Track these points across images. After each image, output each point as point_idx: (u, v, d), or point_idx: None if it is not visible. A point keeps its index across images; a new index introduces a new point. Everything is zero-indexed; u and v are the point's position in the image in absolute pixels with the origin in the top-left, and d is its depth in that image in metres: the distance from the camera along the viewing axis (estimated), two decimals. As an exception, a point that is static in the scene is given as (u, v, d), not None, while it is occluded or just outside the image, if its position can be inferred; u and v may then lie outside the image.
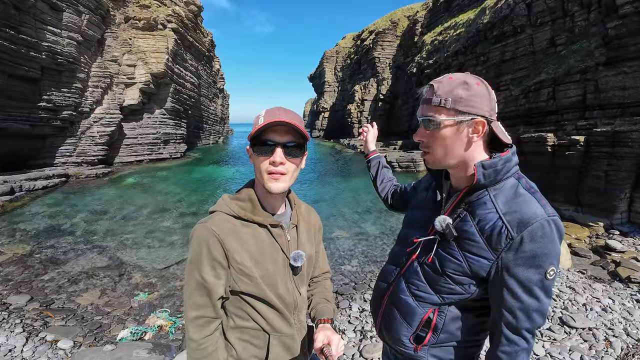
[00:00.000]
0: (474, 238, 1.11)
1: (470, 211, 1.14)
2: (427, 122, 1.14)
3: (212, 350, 1.25)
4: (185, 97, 30.36)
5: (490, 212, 1.09)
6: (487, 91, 1.11)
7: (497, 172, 1.10)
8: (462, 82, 1.09)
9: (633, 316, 4.51)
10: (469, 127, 1.10)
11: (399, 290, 1.34)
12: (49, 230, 10.19)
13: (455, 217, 1.17)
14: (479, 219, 1.11)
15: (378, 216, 12.23)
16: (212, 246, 1.20)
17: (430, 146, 1.17)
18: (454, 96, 1.08)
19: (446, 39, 26.64)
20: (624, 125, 9.91)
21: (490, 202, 1.10)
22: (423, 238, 1.26)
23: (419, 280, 1.27)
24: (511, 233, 1.04)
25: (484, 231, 1.09)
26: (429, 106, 1.14)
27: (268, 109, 1.23)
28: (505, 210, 1.07)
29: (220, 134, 53.96)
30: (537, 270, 1.04)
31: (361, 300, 5.75)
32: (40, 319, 5.30)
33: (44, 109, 18.08)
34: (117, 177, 20.05)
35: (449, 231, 1.15)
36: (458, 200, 1.19)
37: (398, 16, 45.38)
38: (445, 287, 1.20)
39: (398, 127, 36.94)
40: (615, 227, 9.27)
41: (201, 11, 33.32)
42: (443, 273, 1.18)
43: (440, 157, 1.17)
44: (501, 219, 1.06)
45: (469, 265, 1.13)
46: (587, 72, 12.36)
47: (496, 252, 1.07)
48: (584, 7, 13.81)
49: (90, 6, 19.94)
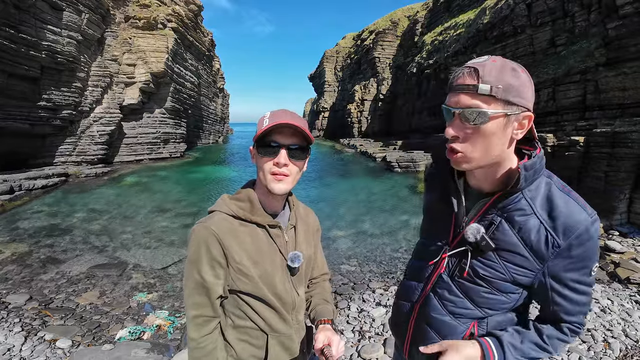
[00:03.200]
0: (517, 250, 1.01)
1: (507, 218, 1.02)
2: (470, 115, 0.94)
3: (212, 349, 1.26)
4: (185, 97, 30.37)
5: (530, 217, 1.00)
6: (530, 81, 0.97)
7: (535, 173, 1.00)
8: (511, 69, 0.93)
9: (632, 317, 4.50)
10: (516, 122, 0.96)
11: (429, 308, 1.20)
12: (48, 230, 10.19)
13: (487, 224, 1.04)
14: (520, 227, 1.00)
15: (377, 216, 12.24)
16: (211, 246, 1.21)
17: (468, 143, 0.98)
18: (505, 84, 0.91)
19: (446, 39, 26.64)
20: (624, 126, 9.91)
21: (529, 207, 1.00)
22: (450, 252, 1.13)
23: (455, 295, 1.14)
24: (557, 241, 0.97)
25: (527, 241, 1.00)
26: (472, 95, 0.93)
27: (273, 111, 1.24)
28: (546, 216, 0.99)
29: (220, 134, 53.99)
30: (584, 270, 1.00)
31: (360, 300, 5.75)
32: (39, 318, 5.30)
33: (44, 108, 18.10)
34: (116, 177, 20.05)
35: (486, 243, 1.03)
36: (489, 205, 1.05)
37: (398, 16, 45.39)
38: (489, 299, 1.09)
39: (398, 127, 36.95)
40: (614, 227, 9.26)
41: (201, 11, 33.32)
42: (483, 285, 1.08)
43: (478, 157, 0.99)
44: (544, 225, 0.98)
45: (512, 276, 1.04)
46: (587, 73, 12.36)
47: (542, 262, 1.00)
48: (584, 7, 13.82)
49: (90, 5, 19.95)
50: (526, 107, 0.94)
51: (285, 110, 1.25)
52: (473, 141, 0.97)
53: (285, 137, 1.20)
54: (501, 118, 0.93)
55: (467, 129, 0.96)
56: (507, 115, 0.93)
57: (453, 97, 0.98)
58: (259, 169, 1.24)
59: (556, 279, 1.01)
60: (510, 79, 0.91)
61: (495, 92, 0.91)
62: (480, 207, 1.07)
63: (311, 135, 1.23)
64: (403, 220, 11.70)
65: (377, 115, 42.42)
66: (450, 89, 0.99)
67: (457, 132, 0.98)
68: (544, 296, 1.06)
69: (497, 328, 1.14)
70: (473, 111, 0.93)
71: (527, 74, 0.96)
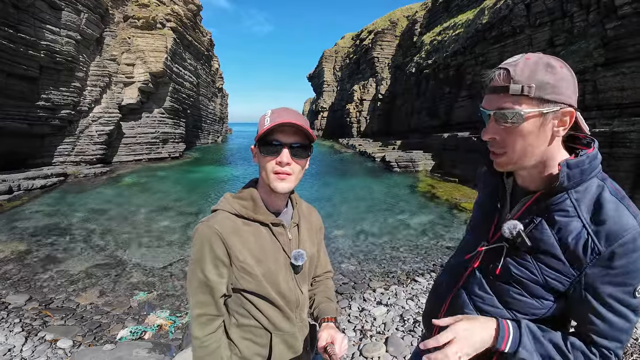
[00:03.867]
0: (552, 251, 0.96)
1: (547, 218, 0.98)
2: (504, 116, 0.93)
3: (215, 348, 1.26)
4: (184, 97, 30.36)
5: (572, 220, 0.94)
6: (571, 75, 0.94)
7: (582, 173, 0.95)
8: (545, 65, 0.91)
9: (631, 316, 4.53)
10: (555, 119, 0.93)
11: (459, 303, 1.17)
12: (48, 229, 10.18)
13: (527, 222, 1.01)
14: (559, 227, 0.95)
15: (376, 216, 12.25)
16: (214, 244, 1.21)
17: (507, 145, 0.97)
18: (538, 82, 0.90)
19: (445, 39, 26.68)
20: (622, 126, 9.95)
21: (573, 208, 0.95)
22: (486, 246, 1.10)
23: (484, 292, 1.10)
24: (598, 247, 0.90)
25: (565, 243, 0.94)
26: (504, 95, 0.93)
27: (274, 109, 1.24)
28: (590, 219, 0.93)
29: (219, 134, 53.95)
30: (626, 288, 0.90)
31: (360, 299, 5.76)
32: (39, 318, 5.30)
33: (43, 108, 18.08)
34: (115, 177, 20.03)
35: (521, 240, 0.99)
36: (531, 204, 1.03)
37: (397, 16, 45.46)
38: (519, 301, 1.04)
39: (397, 127, 36.99)
40: (613, 227, 9.32)
41: (200, 10, 33.32)
42: (514, 285, 1.03)
43: (518, 158, 0.97)
44: (586, 229, 0.92)
45: (545, 279, 0.98)
46: (586, 73, 12.40)
47: (579, 269, 0.93)
48: (583, 7, 13.85)
49: (89, 5, 19.93)
50: (566, 102, 0.92)
51: (286, 108, 1.25)
52: (511, 142, 0.96)
53: (287, 136, 1.20)
54: (537, 117, 0.92)
55: (503, 131, 0.96)
56: (543, 114, 0.91)
57: (487, 99, 0.98)
58: (262, 168, 1.25)
59: (592, 291, 0.93)
60: (544, 75, 0.90)
61: (528, 92, 0.90)
62: (522, 205, 1.05)
63: (313, 134, 1.24)
64: (402, 219, 11.73)
65: (376, 115, 42.46)
66: (486, 91, 0.99)
67: (493, 135, 0.98)
68: (577, 311, 0.99)
69: None
70: (506, 112, 0.92)
71: (568, 68, 0.94)
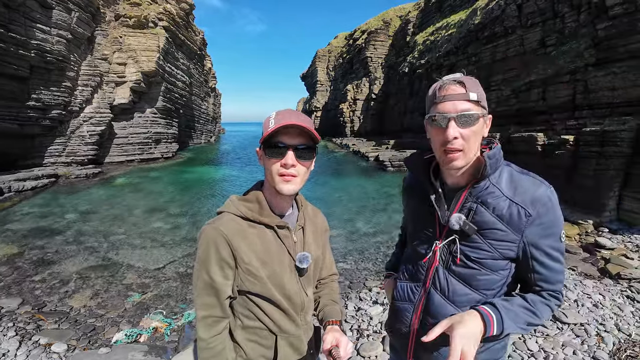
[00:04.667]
0: (496, 226, 1.16)
1: (481, 203, 1.18)
2: (468, 117, 1.12)
3: (221, 349, 1.27)
4: (176, 96, 30.13)
5: (499, 198, 1.17)
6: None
7: (497, 161, 1.19)
8: (478, 82, 1.17)
9: (624, 312, 4.59)
10: (485, 122, 1.18)
11: (433, 303, 1.29)
12: (39, 231, 10.04)
13: (467, 212, 1.20)
14: (493, 207, 1.17)
15: (371, 214, 12.30)
16: (220, 246, 1.21)
17: (466, 141, 1.14)
18: (480, 93, 1.14)
19: (438, 39, 26.82)
20: (613, 125, 10.08)
21: (497, 190, 1.17)
22: (440, 243, 1.26)
23: (454, 285, 1.26)
24: (528, 211, 1.13)
25: (503, 217, 1.15)
26: (465, 102, 1.13)
27: (278, 111, 1.24)
28: (512, 193, 1.16)
29: (212, 134, 53.66)
30: (555, 237, 1.17)
31: (357, 299, 5.78)
32: (32, 322, 5.23)
33: (33, 108, 17.82)
34: (107, 178, 19.82)
35: (469, 227, 1.18)
36: (465, 195, 1.21)
37: (390, 16, 45.57)
38: (484, 280, 1.22)
39: (390, 126, 37.10)
40: (604, 224, 9.42)
41: (192, 9, 33.08)
42: (476, 267, 1.21)
43: (470, 153, 1.17)
44: (513, 202, 1.15)
45: (498, 251, 1.18)
46: (577, 73, 12.55)
47: (520, 232, 1.15)
48: (574, 8, 14.00)
49: (80, 4, 19.68)
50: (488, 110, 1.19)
51: (290, 110, 1.26)
52: (468, 140, 1.14)
53: (291, 138, 1.20)
54: (481, 119, 1.15)
55: (463, 130, 1.13)
56: (484, 117, 1.17)
57: (446, 105, 1.14)
58: (267, 170, 1.25)
59: (535, 246, 1.16)
60: (480, 89, 1.16)
61: (479, 99, 1.13)
62: (458, 199, 1.23)
63: (317, 135, 1.24)
64: (396, 218, 11.77)
65: (369, 115, 42.55)
66: (440, 100, 1.15)
67: (456, 134, 1.13)
68: (526, 267, 1.20)
69: None
70: (468, 114, 1.12)
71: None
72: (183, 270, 7.52)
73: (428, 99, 1.23)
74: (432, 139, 1.24)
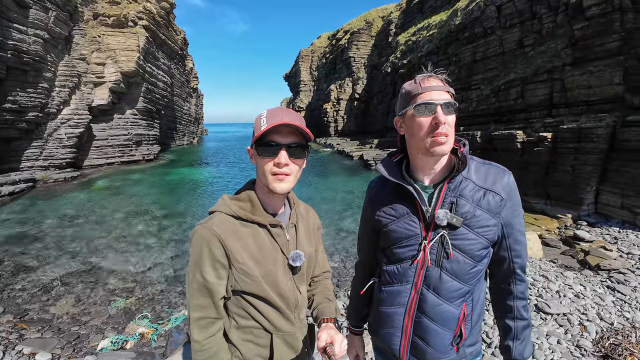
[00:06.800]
0: (477, 213, 1.24)
1: (460, 195, 1.25)
2: (452, 105, 1.20)
3: (216, 351, 1.25)
4: (157, 97, 29.60)
5: (474, 188, 1.25)
6: None
7: (465, 157, 1.28)
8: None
9: (605, 301, 4.75)
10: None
11: (427, 304, 1.29)
12: (18, 237, 9.72)
13: (449, 206, 1.25)
14: (471, 197, 1.25)
15: (356, 213, 12.35)
16: (213, 247, 1.20)
17: (450, 127, 1.21)
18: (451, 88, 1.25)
19: (419, 40, 27.15)
20: (589, 122, 10.41)
21: (471, 182, 1.26)
22: (430, 241, 1.26)
23: (446, 281, 1.27)
24: (501, 195, 1.25)
25: (482, 205, 1.24)
26: (445, 93, 1.21)
27: (270, 110, 1.23)
28: (483, 182, 1.26)
29: (194, 135, 52.96)
30: (521, 215, 1.31)
31: (345, 297, 5.80)
32: (15, 331, 5.05)
33: (9, 111, 17.21)
34: (87, 181, 19.33)
35: (456, 219, 1.22)
36: (445, 191, 1.26)
37: (372, 16, 45.89)
38: (472, 272, 1.28)
39: (374, 126, 37.38)
40: (582, 218, 9.73)
41: (173, 8, 32.60)
42: (468, 258, 1.26)
43: (452, 143, 1.24)
44: (487, 190, 1.25)
45: (485, 237, 1.25)
46: (554, 72, 12.90)
47: (498, 215, 1.25)
48: (552, 9, 14.40)
49: (57, 2, 19.13)
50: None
51: (282, 108, 1.25)
52: (451, 127, 1.21)
53: (284, 137, 1.19)
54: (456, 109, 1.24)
55: (447, 118, 1.19)
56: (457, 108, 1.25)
57: (432, 94, 1.19)
58: (259, 169, 1.24)
59: (509, 226, 1.28)
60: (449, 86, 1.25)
61: (452, 93, 1.24)
62: (438, 196, 1.27)
63: (309, 132, 1.23)
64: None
65: (353, 115, 42.76)
66: (426, 89, 1.20)
67: (443, 121, 1.18)
68: (505, 246, 1.30)
69: (478, 302, 1.34)
70: (451, 102, 1.20)
71: None
72: (169, 272, 7.39)
73: (406, 95, 1.24)
74: (413, 132, 1.23)
